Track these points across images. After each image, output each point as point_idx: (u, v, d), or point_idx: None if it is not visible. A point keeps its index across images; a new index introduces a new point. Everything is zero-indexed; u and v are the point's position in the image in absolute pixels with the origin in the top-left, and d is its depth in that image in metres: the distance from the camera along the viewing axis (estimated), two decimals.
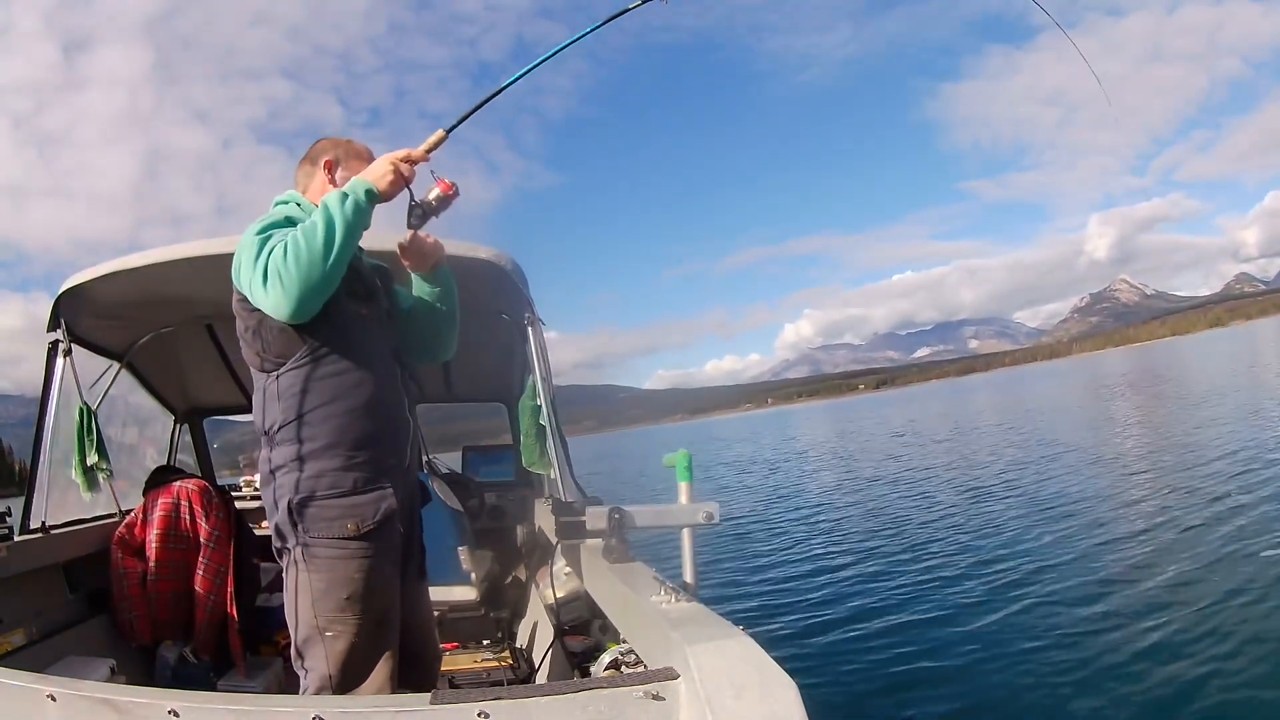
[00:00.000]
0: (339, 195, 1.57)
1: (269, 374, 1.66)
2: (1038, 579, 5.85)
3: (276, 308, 1.51)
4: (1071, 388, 38.79)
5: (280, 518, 1.62)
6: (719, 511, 1.74)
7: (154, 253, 2.59)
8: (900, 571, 6.75)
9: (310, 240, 1.49)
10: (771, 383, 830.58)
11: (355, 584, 1.59)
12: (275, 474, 1.63)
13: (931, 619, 5.31)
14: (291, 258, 1.48)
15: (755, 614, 5.93)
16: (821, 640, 5.18)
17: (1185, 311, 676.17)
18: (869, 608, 5.82)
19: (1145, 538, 6.55)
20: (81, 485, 2.91)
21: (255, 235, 1.57)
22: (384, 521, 1.63)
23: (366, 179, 1.62)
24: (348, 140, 1.86)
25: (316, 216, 1.54)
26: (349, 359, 1.65)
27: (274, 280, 1.49)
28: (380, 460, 1.67)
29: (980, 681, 4.15)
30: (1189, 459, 9.98)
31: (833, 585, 6.64)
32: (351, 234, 1.54)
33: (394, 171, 1.63)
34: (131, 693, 1.19)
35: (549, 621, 2.66)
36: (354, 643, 1.59)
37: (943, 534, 8.06)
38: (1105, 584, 5.46)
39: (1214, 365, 33.26)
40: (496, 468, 4.24)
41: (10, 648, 2.36)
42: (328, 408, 1.62)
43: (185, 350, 3.57)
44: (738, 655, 1.07)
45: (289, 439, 1.62)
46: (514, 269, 2.73)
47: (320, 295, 1.53)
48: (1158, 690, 3.70)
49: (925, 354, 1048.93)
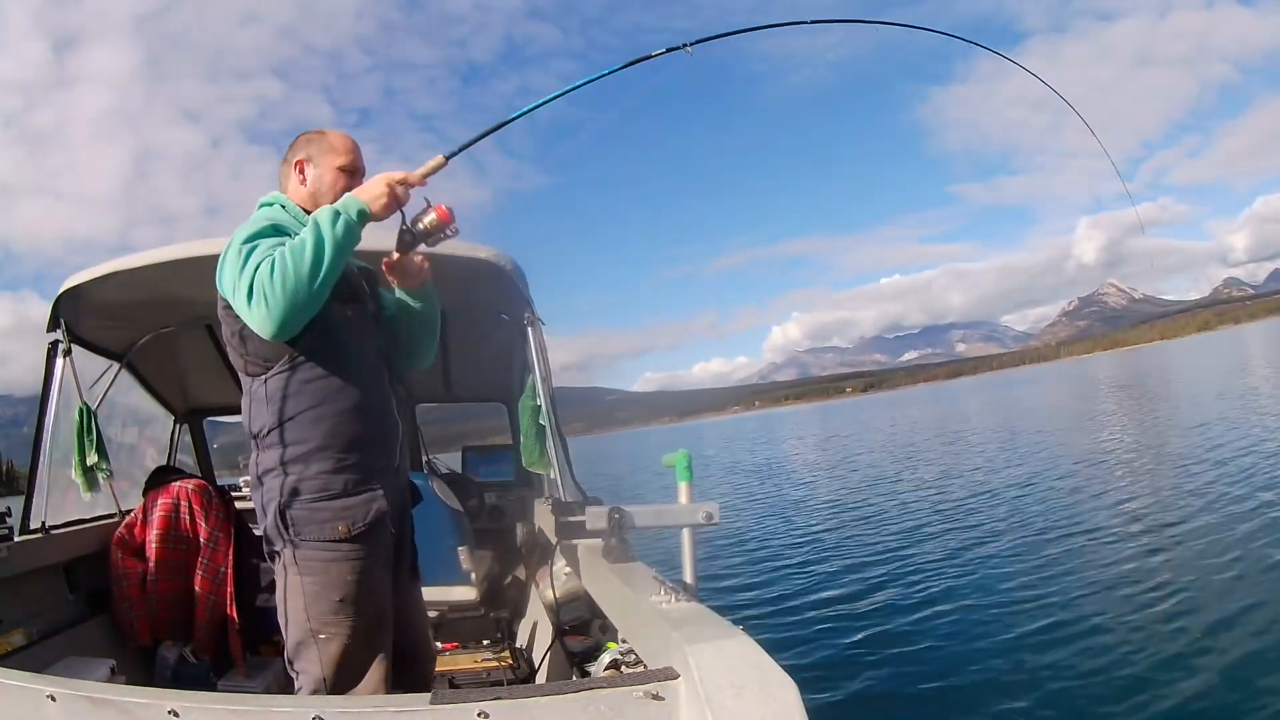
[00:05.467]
0: (330, 214, 1.54)
1: (256, 378, 1.65)
2: (1037, 579, 5.86)
3: (260, 326, 1.49)
4: (1062, 391, 38.84)
5: (270, 521, 1.61)
6: (719, 511, 1.74)
7: (154, 253, 2.60)
8: (900, 572, 6.75)
9: (298, 260, 1.47)
10: (759, 385, 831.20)
11: (347, 586, 1.59)
12: (264, 478, 1.63)
13: (931, 619, 5.32)
14: (278, 277, 1.46)
15: (755, 614, 5.93)
16: (821, 640, 5.18)
17: (1174, 316, 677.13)
18: (869, 608, 5.82)
19: (1146, 538, 6.57)
20: (81, 485, 2.91)
21: (240, 244, 1.55)
22: (375, 523, 1.62)
23: (361, 198, 1.60)
24: (323, 134, 1.82)
25: (306, 234, 1.51)
26: (335, 362, 1.64)
27: (259, 298, 1.47)
28: (369, 462, 1.66)
29: (980, 681, 4.15)
30: (1182, 459, 10.01)
31: (833, 585, 6.64)
32: (340, 255, 1.52)
33: (389, 194, 1.61)
34: (131, 693, 1.19)
35: (549, 621, 2.66)
36: (347, 645, 1.59)
37: (942, 535, 8.06)
38: (1106, 584, 5.47)
39: (1205, 369, 33.21)
40: (496, 468, 4.25)
41: (10, 648, 2.36)
42: (315, 411, 1.61)
43: (185, 350, 3.57)
44: (738, 655, 1.07)
45: (277, 443, 1.61)
46: (514, 269, 2.73)
47: (305, 315, 1.51)
48: (1158, 690, 3.71)
49: (912, 357, 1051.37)
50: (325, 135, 1.81)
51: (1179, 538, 6.34)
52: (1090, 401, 26.15)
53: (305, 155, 1.78)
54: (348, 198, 1.61)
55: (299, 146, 1.80)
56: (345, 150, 1.79)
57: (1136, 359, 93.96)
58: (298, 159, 1.79)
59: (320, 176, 1.77)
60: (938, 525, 8.58)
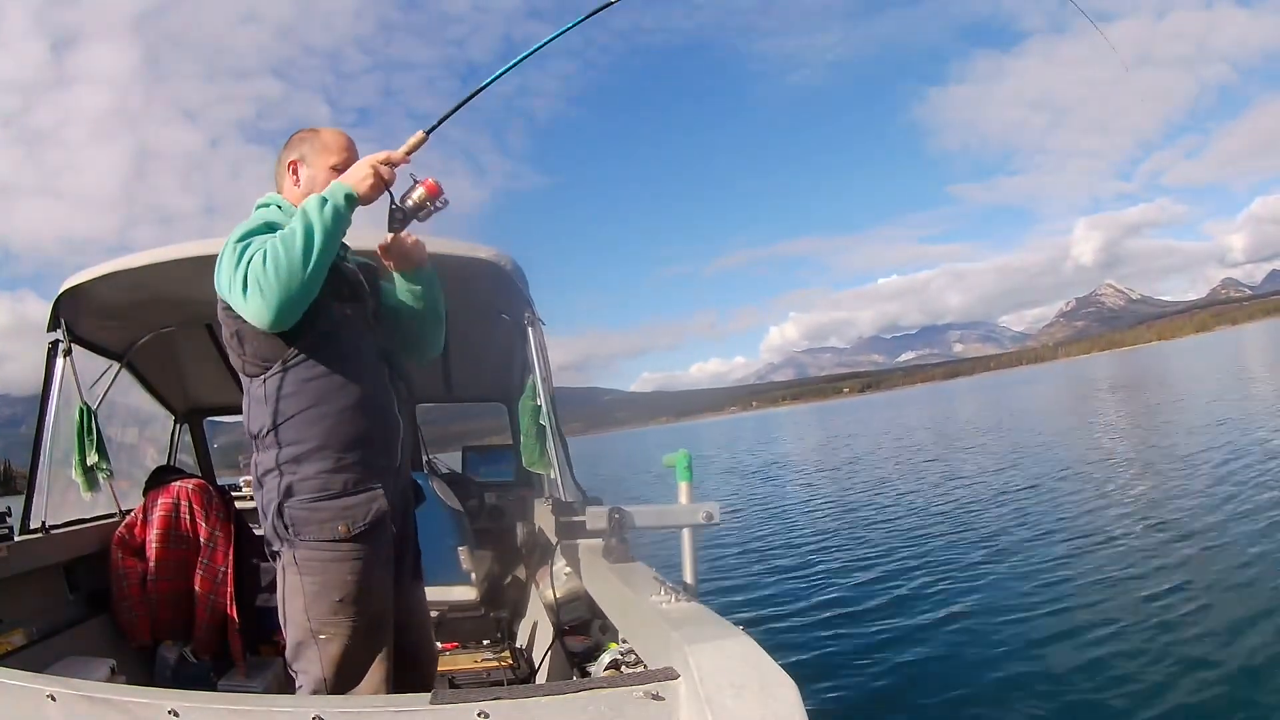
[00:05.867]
0: (318, 201, 1.54)
1: (255, 378, 1.65)
2: (1037, 579, 5.85)
3: (257, 316, 1.49)
4: (1060, 391, 38.80)
5: (271, 521, 1.61)
6: (719, 511, 1.73)
7: (154, 253, 2.59)
8: (901, 572, 6.75)
9: (289, 248, 1.47)
10: (757, 385, 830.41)
11: (348, 586, 1.58)
12: (264, 478, 1.62)
13: (932, 619, 5.31)
14: (271, 266, 1.46)
15: (755, 614, 5.93)
16: (821, 640, 5.18)
17: (1171, 316, 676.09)
18: (869, 608, 5.81)
19: (1145, 538, 6.56)
20: (81, 485, 2.91)
21: (235, 242, 1.55)
22: (375, 523, 1.62)
23: (346, 182, 1.59)
24: (316, 132, 1.81)
25: (295, 223, 1.51)
26: (335, 361, 1.64)
27: (254, 289, 1.47)
28: (370, 461, 1.65)
29: (980, 681, 4.14)
30: (1185, 458, 10.00)
31: (833, 585, 6.64)
32: (331, 240, 1.52)
33: (374, 174, 1.60)
34: (131, 693, 1.19)
35: (549, 621, 2.66)
36: (347, 645, 1.59)
37: (942, 535, 8.06)
38: (1106, 584, 5.46)
39: (1201, 370, 33.15)
40: (496, 468, 4.24)
41: (10, 648, 2.36)
42: (315, 410, 1.61)
43: (185, 350, 3.57)
44: (738, 655, 1.07)
45: (277, 443, 1.61)
46: (514, 269, 2.73)
47: (301, 303, 1.51)
48: (1158, 691, 3.70)
49: (910, 358, 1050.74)
50: (319, 134, 1.80)
51: (1179, 539, 6.33)
52: (1087, 401, 26.16)
53: (299, 155, 1.77)
54: (334, 184, 1.59)
55: (293, 146, 1.79)
56: (339, 149, 1.77)
57: (1134, 359, 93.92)
58: (291, 159, 1.78)
59: (314, 177, 1.75)
60: (937, 525, 8.57)
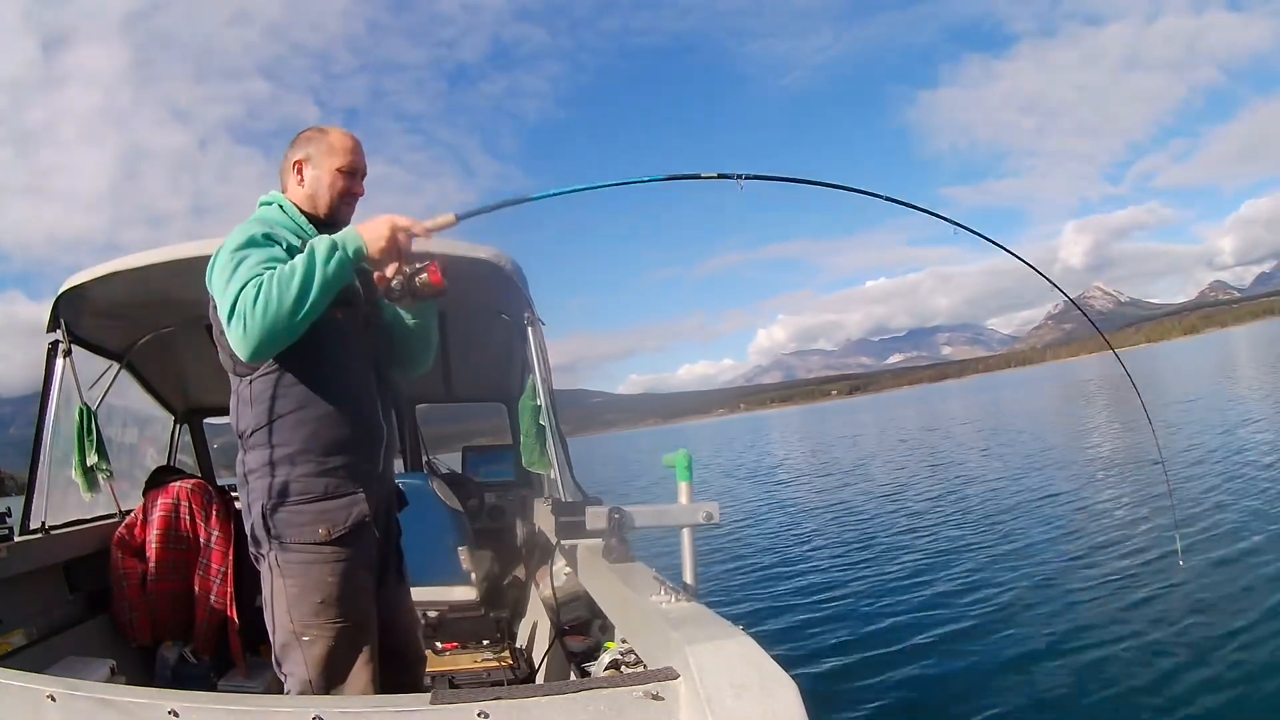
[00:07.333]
0: (327, 246, 1.51)
1: (243, 378, 1.64)
2: (1038, 579, 5.86)
3: (236, 346, 1.48)
4: (1049, 393, 38.77)
5: (254, 523, 1.61)
6: (719, 511, 1.73)
7: (154, 253, 2.59)
8: (900, 572, 6.75)
9: (283, 291, 1.44)
10: (745, 388, 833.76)
11: (329, 588, 1.58)
12: (249, 478, 1.62)
13: (931, 619, 5.32)
14: (260, 305, 1.43)
15: (755, 614, 5.93)
16: (822, 640, 5.18)
17: (1160, 319, 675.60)
18: (869, 608, 5.82)
19: (1146, 538, 6.57)
20: (81, 485, 2.91)
21: (232, 251, 1.53)
22: (357, 526, 1.62)
23: (362, 236, 1.56)
24: (324, 132, 1.77)
25: (298, 264, 1.48)
26: (322, 365, 1.63)
27: (239, 320, 1.45)
28: (353, 466, 1.65)
29: (980, 681, 4.15)
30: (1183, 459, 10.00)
31: (833, 586, 6.64)
32: (327, 293, 1.49)
33: (390, 240, 1.57)
34: (131, 693, 1.19)
35: (549, 621, 2.66)
36: (331, 647, 1.59)
37: (942, 535, 8.06)
38: (1107, 584, 5.47)
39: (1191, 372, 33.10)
40: (496, 468, 4.25)
41: (10, 648, 2.36)
42: (300, 413, 1.61)
43: (185, 350, 3.57)
44: (738, 655, 1.07)
45: (262, 444, 1.61)
46: (514, 269, 2.73)
47: (281, 344, 1.49)
48: (1158, 691, 3.70)
49: (898, 360, 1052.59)
50: (326, 134, 1.76)
51: (1180, 537, 6.33)
52: (1076, 403, 26.14)
53: (305, 155, 1.74)
54: (348, 231, 1.57)
55: (299, 145, 1.76)
56: (345, 151, 1.74)
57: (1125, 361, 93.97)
58: (296, 159, 1.75)
59: (319, 178, 1.73)
60: (937, 525, 8.58)
